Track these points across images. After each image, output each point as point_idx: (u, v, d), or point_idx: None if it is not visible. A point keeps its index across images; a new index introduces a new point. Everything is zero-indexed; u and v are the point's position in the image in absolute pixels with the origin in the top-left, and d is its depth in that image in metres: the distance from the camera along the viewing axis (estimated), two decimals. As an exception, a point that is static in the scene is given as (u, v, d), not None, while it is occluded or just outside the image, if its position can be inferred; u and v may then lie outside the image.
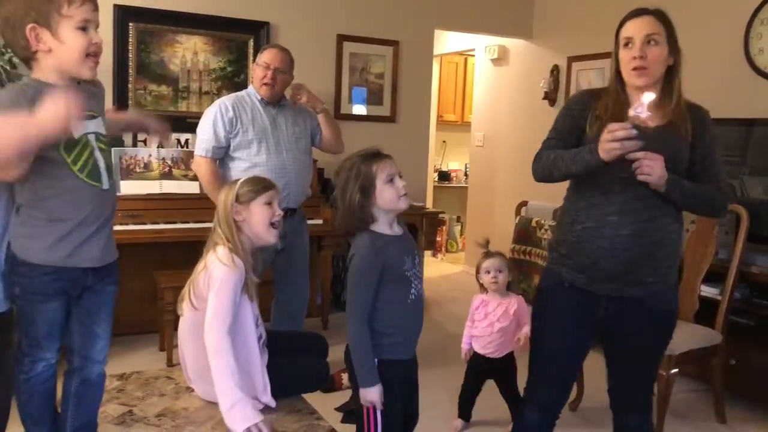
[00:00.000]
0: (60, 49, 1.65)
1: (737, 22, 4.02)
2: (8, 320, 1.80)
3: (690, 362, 3.17)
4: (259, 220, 2.16)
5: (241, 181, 2.21)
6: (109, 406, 2.08)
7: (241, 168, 3.15)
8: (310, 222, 3.65)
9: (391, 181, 1.91)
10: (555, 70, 5.37)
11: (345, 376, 3.38)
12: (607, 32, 4.73)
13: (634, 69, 1.97)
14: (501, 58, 5.98)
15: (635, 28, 2.00)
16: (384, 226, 1.95)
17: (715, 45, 4.13)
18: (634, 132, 1.77)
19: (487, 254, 2.95)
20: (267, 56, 3.24)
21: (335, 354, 2.39)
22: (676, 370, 2.97)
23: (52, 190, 1.69)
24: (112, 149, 3.90)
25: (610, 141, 1.80)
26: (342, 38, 4.86)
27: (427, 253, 5.96)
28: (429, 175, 6.54)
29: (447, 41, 6.76)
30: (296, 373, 2.31)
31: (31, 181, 1.68)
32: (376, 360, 1.90)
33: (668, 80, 2.02)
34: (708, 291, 3.37)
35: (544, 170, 2.07)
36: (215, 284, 2.00)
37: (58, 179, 1.70)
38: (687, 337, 3.03)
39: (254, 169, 3.07)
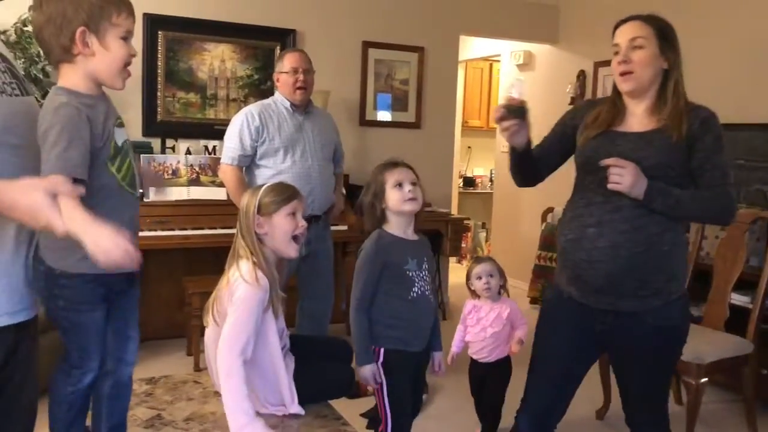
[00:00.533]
0: (103, 56, 1.65)
1: (766, 24, 3.96)
2: (35, 326, 1.81)
3: (720, 371, 3.12)
4: (281, 233, 2.10)
5: (264, 189, 2.15)
6: (138, 410, 2.11)
7: (266, 175, 3.18)
8: (334, 228, 3.67)
9: (399, 186, 2.11)
10: (581, 76, 5.34)
11: (370, 382, 3.38)
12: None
13: (621, 74, 1.95)
14: (526, 64, 5.96)
15: (621, 34, 1.98)
16: (395, 227, 2.16)
17: (743, 46, 4.07)
18: (503, 110, 1.93)
19: (478, 259, 2.97)
20: (291, 61, 3.26)
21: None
22: (706, 379, 2.92)
23: (95, 200, 1.60)
24: (141, 156, 3.98)
25: (497, 122, 1.96)
26: (367, 45, 4.89)
27: (452, 260, 5.94)
28: (454, 181, 6.52)
29: (472, 47, 6.75)
30: (321, 379, 2.32)
31: None
32: (381, 349, 2.12)
33: (662, 84, 1.97)
34: (739, 299, 3.31)
35: (511, 173, 2.17)
36: (235, 304, 1.98)
37: (102, 189, 1.68)
38: (717, 346, 2.98)
39: (279, 176, 3.09)
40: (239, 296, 1.98)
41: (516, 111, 1.93)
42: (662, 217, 1.89)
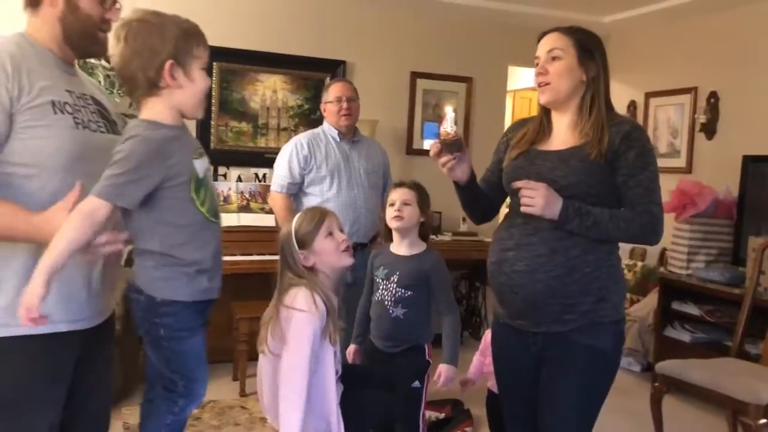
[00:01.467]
0: (189, 87, 1.67)
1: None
2: (107, 336, 1.85)
3: (780, 412, 2.99)
4: (328, 253, 2.07)
5: (294, 224, 2.10)
6: (186, 433, 2.14)
7: (313, 203, 3.22)
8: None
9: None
10: (632, 106, 5.27)
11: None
12: (685, 67, 4.63)
13: (538, 85, 1.92)
14: (576, 94, 5.91)
15: (541, 46, 1.94)
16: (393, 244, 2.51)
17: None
18: (438, 146, 1.91)
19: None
20: (336, 90, 3.34)
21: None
22: (765, 420, 2.81)
23: (185, 236, 1.66)
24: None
25: (434, 158, 1.93)
26: (415, 75, 4.93)
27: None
28: (501, 211, 6.48)
29: (520, 76, 6.74)
30: (365, 407, 2.31)
31: (159, 229, 1.66)
32: None
33: (583, 97, 1.90)
34: (799, 336, 3.18)
35: (464, 211, 2.14)
36: (293, 336, 1.94)
37: (191, 226, 1.68)
38: (776, 385, 2.87)
39: (325, 204, 3.13)
40: (296, 326, 1.94)
41: (451, 145, 1.91)
42: (583, 239, 1.82)
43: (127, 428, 2.17)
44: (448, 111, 1.91)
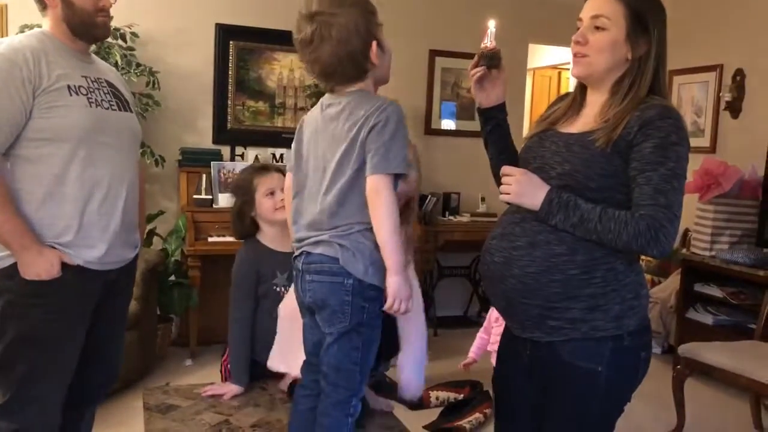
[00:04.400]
0: (384, 58, 1.73)
1: None
2: (127, 283, 2.10)
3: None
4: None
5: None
6: (206, 415, 2.14)
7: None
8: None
9: (271, 194, 2.24)
10: (655, 84, 5.17)
11: (434, 395, 3.36)
12: (710, 44, 4.54)
13: (574, 55, 1.64)
14: (597, 72, 5.82)
15: (585, 8, 1.64)
16: (266, 238, 2.34)
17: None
18: (476, 58, 1.76)
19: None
20: None
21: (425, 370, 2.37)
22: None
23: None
24: (212, 163, 4.07)
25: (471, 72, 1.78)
26: (434, 53, 4.87)
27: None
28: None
29: (540, 55, 6.65)
30: None
31: None
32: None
33: (621, 77, 1.61)
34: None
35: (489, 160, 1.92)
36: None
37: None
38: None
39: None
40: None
41: (488, 57, 1.73)
42: (571, 236, 1.55)
43: (148, 408, 2.18)
44: (491, 25, 1.78)
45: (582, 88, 1.71)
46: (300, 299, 1.78)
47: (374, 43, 1.65)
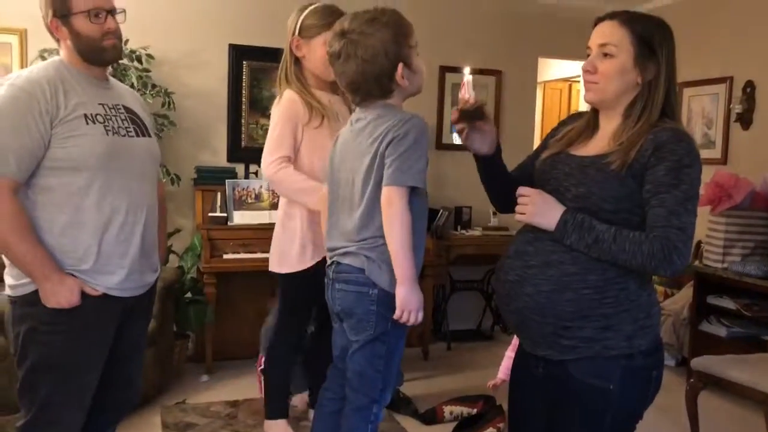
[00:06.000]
0: (415, 79, 1.80)
1: None
2: (147, 306, 2.12)
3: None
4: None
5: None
6: (223, 432, 2.18)
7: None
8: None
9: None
10: (665, 96, 5.17)
11: (447, 409, 3.37)
12: (720, 56, 4.54)
13: (585, 82, 1.70)
14: (607, 84, 5.83)
15: (593, 37, 1.69)
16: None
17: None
18: (457, 113, 1.76)
19: None
20: None
21: (438, 384, 2.39)
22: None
23: (421, 235, 1.78)
24: (227, 181, 4.13)
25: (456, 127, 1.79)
26: (444, 69, 4.91)
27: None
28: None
29: (551, 68, 6.68)
30: None
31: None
32: None
33: (633, 101, 1.65)
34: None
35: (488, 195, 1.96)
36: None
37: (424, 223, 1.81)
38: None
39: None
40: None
41: (470, 113, 1.76)
42: (584, 256, 1.59)
43: (166, 426, 2.22)
44: (467, 75, 1.83)
45: (595, 111, 1.75)
46: (330, 306, 1.84)
47: (401, 66, 1.71)
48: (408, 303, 1.67)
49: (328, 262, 1.83)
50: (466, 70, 1.85)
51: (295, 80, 2.33)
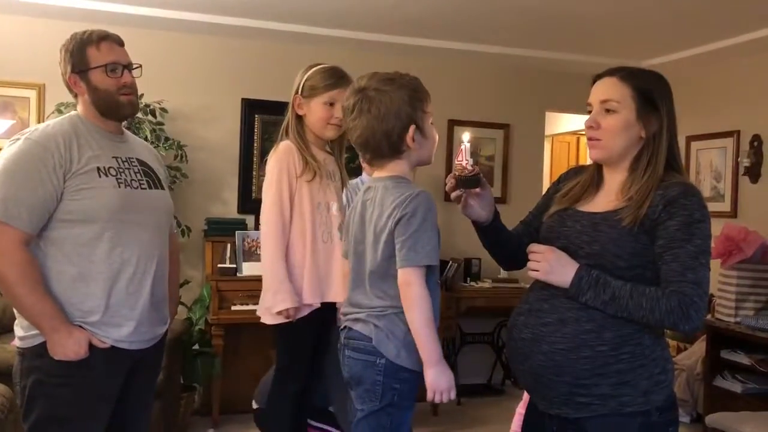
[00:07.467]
0: (426, 144, 1.78)
1: None
2: (155, 363, 2.09)
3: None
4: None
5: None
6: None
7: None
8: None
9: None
10: (673, 149, 5.21)
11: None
12: (727, 111, 4.58)
13: (588, 139, 1.69)
14: (615, 138, 5.88)
15: (593, 93, 1.69)
16: None
17: None
18: (452, 180, 1.73)
19: None
20: None
21: None
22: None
23: (436, 300, 1.72)
24: (236, 233, 4.15)
25: (452, 195, 1.75)
26: (453, 123, 4.98)
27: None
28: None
29: (559, 122, 6.75)
30: None
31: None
32: None
33: (638, 155, 1.65)
34: None
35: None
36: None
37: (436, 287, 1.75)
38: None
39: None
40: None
41: (467, 181, 1.73)
42: (600, 313, 1.57)
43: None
44: (464, 142, 1.77)
45: (599, 166, 1.75)
46: (342, 372, 1.82)
47: (412, 128, 1.70)
48: (438, 385, 1.64)
49: (341, 326, 1.83)
50: (465, 136, 1.82)
51: (295, 135, 2.38)
